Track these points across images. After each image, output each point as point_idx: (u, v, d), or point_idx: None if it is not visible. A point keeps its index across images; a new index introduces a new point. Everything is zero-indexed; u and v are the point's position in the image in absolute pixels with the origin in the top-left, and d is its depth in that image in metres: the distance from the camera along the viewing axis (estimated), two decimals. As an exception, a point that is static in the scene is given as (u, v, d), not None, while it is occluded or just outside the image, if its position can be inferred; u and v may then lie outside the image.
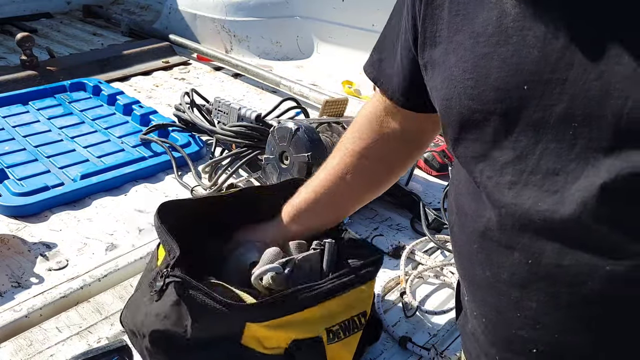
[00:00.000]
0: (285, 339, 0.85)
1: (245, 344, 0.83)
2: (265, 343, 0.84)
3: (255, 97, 2.19)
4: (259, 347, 0.84)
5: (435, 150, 1.60)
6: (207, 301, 0.79)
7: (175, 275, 0.81)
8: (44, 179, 1.51)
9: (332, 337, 0.88)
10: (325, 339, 0.87)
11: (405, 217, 1.42)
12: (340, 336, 0.89)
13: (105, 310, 1.11)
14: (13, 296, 1.13)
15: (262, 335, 0.83)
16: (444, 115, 0.68)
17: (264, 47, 2.61)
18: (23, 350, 1.01)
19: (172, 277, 0.81)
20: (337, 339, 0.89)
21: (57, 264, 1.23)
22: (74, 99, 2.01)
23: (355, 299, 0.91)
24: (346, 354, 0.92)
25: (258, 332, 0.83)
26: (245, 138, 1.56)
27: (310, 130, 1.30)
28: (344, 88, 2.23)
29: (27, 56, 2.18)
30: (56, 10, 3.26)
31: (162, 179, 1.59)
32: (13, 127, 1.80)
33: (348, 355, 0.93)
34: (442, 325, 1.10)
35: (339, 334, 0.89)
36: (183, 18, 2.76)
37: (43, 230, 1.35)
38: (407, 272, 1.21)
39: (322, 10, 2.49)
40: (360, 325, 0.92)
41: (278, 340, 0.85)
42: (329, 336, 0.88)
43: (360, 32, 2.37)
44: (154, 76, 2.38)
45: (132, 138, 1.76)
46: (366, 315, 0.93)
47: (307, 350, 0.85)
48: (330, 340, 0.88)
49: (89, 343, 1.03)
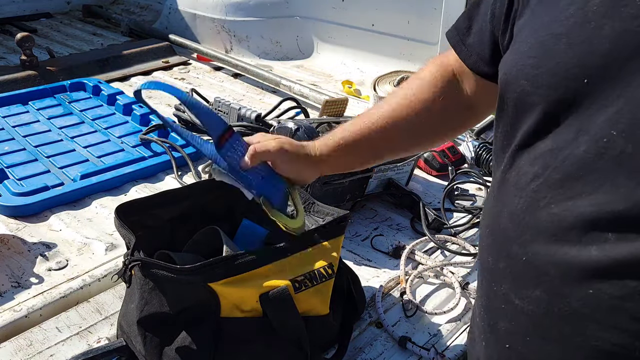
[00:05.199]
0: (253, 294, 0.87)
1: (225, 316, 0.87)
2: (242, 306, 0.87)
3: (255, 97, 2.19)
4: (237, 312, 0.87)
5: (435, 150, 1.60)
6: (162, 273, 0.83)
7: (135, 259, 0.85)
8: (43, 179, 1.51)
9: (299, 286, 0.90)
10: (291, 288, 0.89)
11: (405, 217, 1.42)
12: (307, 284, 0.91)
13: (105, 310, 1.11)
14: (13, 296, 1.13)
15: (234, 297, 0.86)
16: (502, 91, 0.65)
17: (264, 47, 2.61)
18: (23, 350, 1.01)
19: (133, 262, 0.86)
20: (304, 287, 0.91)
21: (57, 264, 1.23)
22: (73, 99, 2.01)
23: (318, 253, 0.94)
24: (318, 301, 0.94)
25: (224, 292, 0.85)
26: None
27: (310, 130, 1.30)
28: (344, 88, 2.23)
29: (27, 56, 2.18)
30: (56, 10, 3.26)
31: (162, 179, 1.59)
32: (13, 127, 1.80)
33: (320, 303, 0.95)
34: (442, 325, 1.10)
35: (305, 283, 0.91)
36: (183, 18, 2.76)
37: (43, 230, 1.35)
38: (407, 272, 1.21)
39: (322, 10, 2.49)
40: (328, 275, 0.94)
41: (250, 300, 0.87)
42: (294, 285, 0.90)
43: (360, 32, 2.37)
44: (154, 76, 2.38)
45: (132, 138, 1.76)
46: (333, 267, 0.95)
47: (276, 302, 0.87)
48: (297, 289, 0.90)
49: (89, 343, 1.03)
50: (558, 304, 0.56)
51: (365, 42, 2.37)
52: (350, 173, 1.32)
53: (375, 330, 1.08)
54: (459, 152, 1.62)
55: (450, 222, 1.39)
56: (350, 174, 1.32)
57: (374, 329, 1.09)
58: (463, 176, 1.59)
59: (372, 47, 2.34)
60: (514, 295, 0.62)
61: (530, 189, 0.59)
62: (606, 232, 0.52)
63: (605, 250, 0.52)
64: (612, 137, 0.51)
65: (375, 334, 1.08)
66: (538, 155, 0.59)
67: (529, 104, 0.60)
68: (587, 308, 0.54)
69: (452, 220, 1.40)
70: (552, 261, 0.56)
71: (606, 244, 0.52)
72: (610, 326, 0.53)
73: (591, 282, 0.53)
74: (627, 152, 0.50)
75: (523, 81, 0.60)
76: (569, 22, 0.56)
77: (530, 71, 0.59)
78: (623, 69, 0.51)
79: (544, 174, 0.57)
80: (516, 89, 0.61)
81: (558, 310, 0.56)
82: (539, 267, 0.58)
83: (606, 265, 0.52)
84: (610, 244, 0.52)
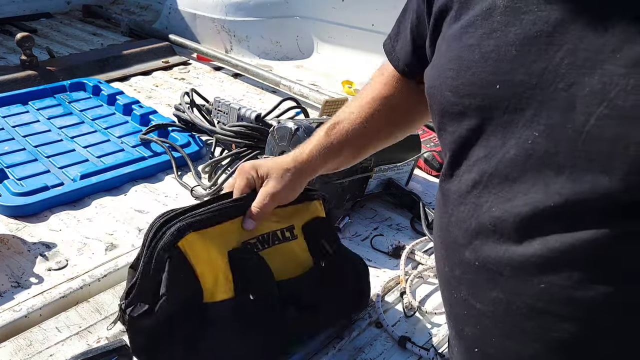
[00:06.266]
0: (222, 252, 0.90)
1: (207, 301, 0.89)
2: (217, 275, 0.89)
3: (255, 97, 2.19)
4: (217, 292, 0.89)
5: (435, 150, 1.60)
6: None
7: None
8: (43, 179, 1.51)
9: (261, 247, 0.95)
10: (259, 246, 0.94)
11: (405, 217, 1.42)
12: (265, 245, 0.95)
13: (105, 310, 1.10)
14: (13, 296, 1.13)
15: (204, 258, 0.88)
16: (429, 103, 0.69)
17: (264, 47, 2.61)
18: (23, 350, 1.01)
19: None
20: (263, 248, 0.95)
21: (56, 264, 1.23)
22: (73, 99, 2.01)
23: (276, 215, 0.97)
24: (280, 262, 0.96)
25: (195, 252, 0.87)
26: (245, 138, 1.56)
27: (310, 130, 1.30)
28: (344, 88, 2.23)
29: (27, 56, 2.18)
30: (56, 10, 3.26)
31: (161, 179, 1.59)
32: (13, 127, 1.80)
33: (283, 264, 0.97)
34: (442, 325, 1.10)
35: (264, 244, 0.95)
36: (183, 18, 2.76)
37: (43, 230, 1.34)
38: (407, 272, 1.21)
39: (322, 10, 2.49)
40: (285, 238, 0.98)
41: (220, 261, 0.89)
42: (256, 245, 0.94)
43: (360, 32, 2.38)
44: (154, 76, 2.38)
45: (131, 138, 1.76)
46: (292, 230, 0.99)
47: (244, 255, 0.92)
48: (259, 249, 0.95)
49: (89, 343, 1.03)
50: (516, 302, 0.58)
51: (365, 42, 2.37)
52: (350, 173, 1.32)
53: (375, 330, 1.08)
54: (459, 152, 1.62)
55: (450, 222, 1.39)
56: (350, 174, 1.32)
57: (374, 329, 1.09)
58: (463, 176, 1.59)
59: (372, 47, 2.33)
60: (473, 299, 0.63)
61: (472, 195, 0.61)
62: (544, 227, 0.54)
63: (548, 244, 0.54)
64: (535, 138, 0.54)
65: (375, 334, 1.08)
66: (473, 163, 0.61)
67: (454, 114, 0.62)
68: (542, 302, 0.56)
69: (452, 220, 1.40)
70: (503, 262, 0.58)
71: (547, 237, 0.54)
72: (566, 317, 0.55)
73: (541, 277, 0.55)
74: (551, 151, 0.53)
75: (447, 92, 0.62)
76: (479, 33, 0.59)
77: (452, 82, 0.61)
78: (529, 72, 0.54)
79: (482, 180, 0.60)
80: (441, 100, 0.64)
81: (517, 308, 0.58)
82: (491, 270, 0.60)
83: (551, 258, 0.54)
84: (550, 237, 0.54)
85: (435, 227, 0.73)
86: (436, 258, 0.73)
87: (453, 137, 0.64)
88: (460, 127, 0.62)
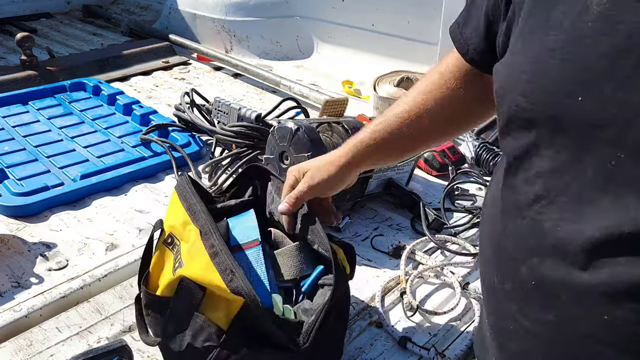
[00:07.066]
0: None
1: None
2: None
3: (255, 97, 2.19)
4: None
5: (435, 150, 1.60)
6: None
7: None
8: (43, 179, 1.51)
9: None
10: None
11: (405, 217, 1.42)
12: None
13: (105, 310, 1.11)
14: (13, 296, 1.13)
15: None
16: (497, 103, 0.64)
17: (264, 47, 2.61)
18: (23, 351, 1.01)
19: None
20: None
21: (57, 264, 1.23)
22: (73, 99, 2.01)
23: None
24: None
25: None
26: (245, 138, 1.56)
27: (311, 130, 1.30)
28: (344, 88, 2.23)
29: (27, 56, 2.18)
30: (56, 10, 3.26)
31: (162, 179, 1.59)
32: (13, 127, 1.80)
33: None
34: (442, 325, 1.10)
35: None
36: (183, 18, 2.76)
37: (43, 230, 1.34)
38: (407, 272, 1.21)
39: (322, 10, 2.49)
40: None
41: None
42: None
43: (360, 32, 2.37)
44: (154, 76, 2.38)
45: (132, 138, 1.76)
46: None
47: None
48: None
49: (89, 343, 1.03)
50: (570, 327, 0.55)
51: (365, 42, 2.37)
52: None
53: (375, 330, 1.08)
54: (459, 152, 1.62)
55: (450, 222, 1.39)
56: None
57: (374, 329, 1.09)
58: (463, 176, 1.59)
59: (372, 47, 2.34)
60: (523, 317, 0.61)
61: (532, 210, 0.58)
62: (617, 256, 0.51)
63: (618, 274, 0.51)
64: (619, 159, 0.50)
65: (375, 334, 1.08)
66: (536, 174, 0.57)
67: (523, 120, 0.58)
68: (603, 333, 0.53)
69: (452, 220, 1.40)
70: (564, 286, 0.55)
71: (617, 267, 0.51)
72: (626, 351, 0.52)
73: (605, 307, 0.52)
74: (636, 173, 0.49)
75: (518, 96, 0.58)
76: (563, 37, 0.54)
77: (526, 86, 0.57)
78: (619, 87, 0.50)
79: (547, 196, 0.56)
80: (511, 103, 0.59)
81: (572, 335, 0.55)
82: (549, 292, 0.57)
83: (619, 290, 0.51)
84: (621, 267, 0.51)
85: (483, 231, 0.69)
86: (482, 262, 0.70)
87: (517, 144, 0.60)
88: (527, 134, 0.58)
